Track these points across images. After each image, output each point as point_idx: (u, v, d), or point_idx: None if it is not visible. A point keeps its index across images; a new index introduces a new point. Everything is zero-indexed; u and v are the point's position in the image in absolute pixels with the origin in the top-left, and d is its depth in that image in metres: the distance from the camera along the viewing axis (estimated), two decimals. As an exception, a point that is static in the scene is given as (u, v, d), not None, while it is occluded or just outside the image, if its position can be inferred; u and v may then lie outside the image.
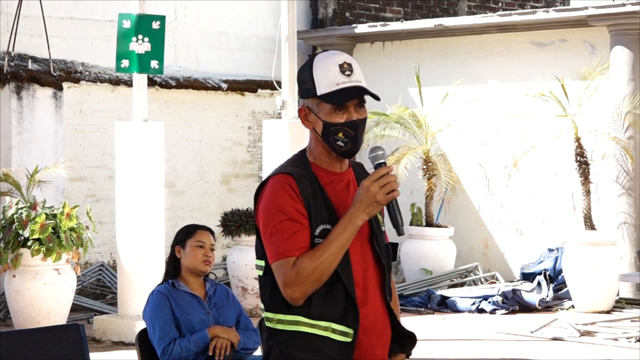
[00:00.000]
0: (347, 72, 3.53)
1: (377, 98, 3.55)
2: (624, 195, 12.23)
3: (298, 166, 3.56)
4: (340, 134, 3.52)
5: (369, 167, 3.62)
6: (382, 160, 3.51)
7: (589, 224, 11.73)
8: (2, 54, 11.59)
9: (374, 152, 3.54)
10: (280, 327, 3.51)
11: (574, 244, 11.68)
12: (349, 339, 3.48)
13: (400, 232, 3.51)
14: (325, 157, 3.58)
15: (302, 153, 3.63)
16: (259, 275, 3.60)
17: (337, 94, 3.50)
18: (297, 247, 3.44)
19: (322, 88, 3.51)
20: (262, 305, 3.60)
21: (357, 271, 3.53)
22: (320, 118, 3.53)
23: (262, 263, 3.56)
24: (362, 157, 14.14)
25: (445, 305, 11.96)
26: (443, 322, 11.25)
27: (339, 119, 3.52)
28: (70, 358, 4.99)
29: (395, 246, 3.67)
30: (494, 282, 12.73)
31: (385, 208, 3.52)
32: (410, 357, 3.79)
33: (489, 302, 11.79)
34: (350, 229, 3.43)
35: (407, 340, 3.69)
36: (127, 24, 9.84)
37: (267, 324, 3.54)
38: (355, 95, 3.52)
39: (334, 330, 3.47)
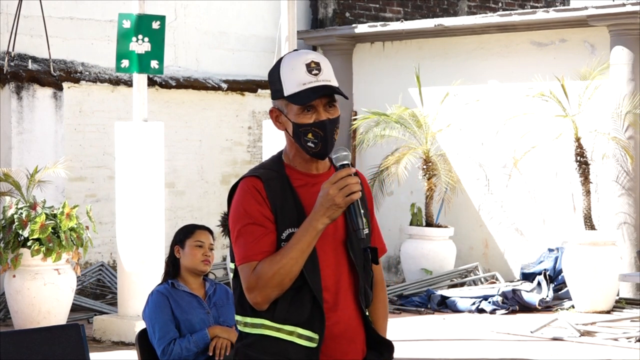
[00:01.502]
0: (315, 72, 3.44)
1: (344, 97, 3.49)
2: (624, 195, 12.23)
3: (271, 168, 3.51)
4: (310, 135, 3.44)
5: (368, 167, 3.58)
6: (344, 162, 3.42)
7: (589, 224, 11.73)
8: (2, 54, 11.59)
9: (336, 153, 3.46)
10: (247, 330, 3.48)
11: (574, 244, 11.68)
12: (314, 344, 3.42)
13: (359, 236, 3.41)
14: (299, 158, 3.52)
15: (279, 154, 3.58)
16: (232, 278, 3.58)
17: (303, 94, 3.43)
18: (260, 251, 3.40)
19: (288, 88, 3.45)
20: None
21: (329, 275, 3.47)
22: (290, 119, 3.47)
23: (233, 266, 3.54)
24: (362, 158, 14.15)
25: (445, 305, 11.96)
26: (443, 322, 11.25)
27: (307, 119, 3.44)
28: (70, 358, 4.98)
29: (375, 250, 3.58)
30: (494, 282, 12.72)
31: (346, 211, 3.41)
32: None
33: (489, 302, 11.79)
34: (311, 232, 3.37)
35: (384, 348, 3.62)
36: (127, 24, 9.84)
37: (238, 327, 3.53)
38: (320, 95, 3.43)
39: (299, 335, 3.42)
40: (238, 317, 3.52)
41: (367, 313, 3.59)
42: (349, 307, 3.52)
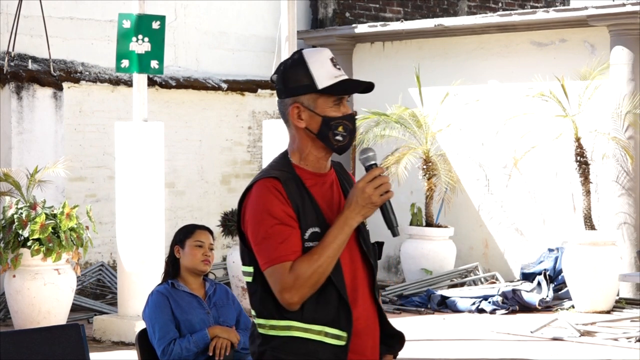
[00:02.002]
0: (338, 66, 3.52)
1: (370, 89, 3.53)
2: (624, 196, 12.23)
3: (282, 169, 3.50)
4: (341, 128, 3.47)
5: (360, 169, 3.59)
6: (373, 162, 3.48)
7: (589, 224, 11.73)
8: (2, 54, 11.59)
9: (364, 153, 3.50)
10: (272, 332, 3.45)
11: (574, 244, 11.68)
12: (342, 342, 3.44)
13: (395, 233, 3.49)
14: (313, 157, 3.52)
15: (284, 156, 3.56)
16: (247, 282, 3.53)
17: (339, 86, 3.48)
18: (292, 251, 3.39)
19: (322, 82, 3.47)
20: (253, 312, 3.55)
21: (346, 272, 3.48)
22: (319, 113, 3.47)
23: (250, 269, 3.49)
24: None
25: (445, 305, 11.96)
26: (443, 322, 11.25)
27: (337, 112, 3.49)
28: (70, 358, 4.98)
29: (380, 245, 3.62)
30: (494, 282, 12.72)
31: (379, 209, 3.47)
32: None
33: (489, 302, 11.79)
34: (347, 231, 3.40)
35: (394, 341, 3.65)
36: (127, 24, 9.84)
37: (260, 330, 3.48)
38: (356, 86, 3.50)
39: (327, 334, 3.43)
40: (260, 321, 3.47)
41: (381, 306, 3.63)
42: (367, 303, 3.55)
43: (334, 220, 3.45)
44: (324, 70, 3.48)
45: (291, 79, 3.50)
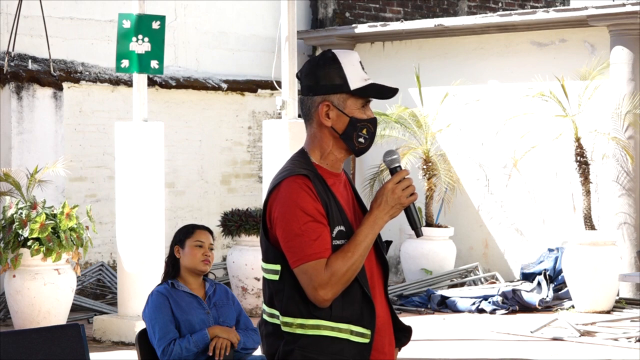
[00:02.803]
0: (365, 70, 3.57)
1: (395, 93, 3.58)
2: (624, 196, 12.23)
3: (306, 167, 3.51)
4: (365, 131, 3.52)
5: (367, 168, 3.61)
6: (398, 164, 3.55)
7: (589, 224, 11.73)
8: (2, 54, 11.59)
9: (390, 155, 3.56)
10: (300, 331, 3.45)
11: (574, 244, 11.68)
12: (366, 340, 3.46)
13: (419, 234, 3.58)
14: (333, 157, 3.55)
15: (303, 154, 3.57)
16: (271, 281, 3.50)
17: (371, 89, 3.52)
18: (325, 248, 3.41)
19: (354, 83, 3.50)
20: (270, 311, 3.52)
21: (366, 271, 3.52)
22: (347, 114, 3.50)
23: (277, 267, 3.47)
24: (362, 158, 14.14)
25: (445, 305, 11.96)
26: (443, 322, 11.25)
27: (363, 115, 3.52)
28: (70, 358, 4.99)
29: (389, 244, 3.67)
30: (494, 282, 12.73)
31: (403, 210, 3.54)
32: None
33: (489, 302, 11.79)
34: (376, 229, 3.46)
35: (402, 334, 3.68)
36: (127, 24, 9.83)
37: (286, 328, 3.47)
38: (387, 91, 3.54)
39: (352, 332, 3.45)
40: (288, 319, 3.46)
41: (391, 303, 3.67)
42: (382, 300, 3.59)
43: (352, 219, 3.52)
44: (356, 71, 3.51)
45: (323, 77, 3.52)
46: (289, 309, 3.46)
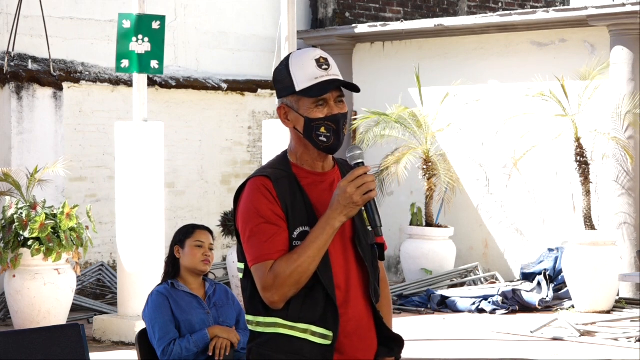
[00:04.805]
0: (324, 66, 3.50)
1: (357, 90, 3.54)
2: (624, 195, 12.23)
3: (278, 168, 3.52)
4: (323, 129, 3.48)
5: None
6: (359, 160, 3.48)
7: (589, 224, 11.73)
8: (2, 54, 11.59)
9: (351, 152, 3.50)
10: (259, 329, 3.49)
11: (574, 244, 11.68)
12: (328, 342, 3.44)
13: (378, 233, 3.48)
14: (307, 156, 3.54)
15: (284, 154, 3.59)
16: (240, 279, 3.57)
17: (316, 87, 3.47)
18: (275, 250, 3.41)
19: (300, 83, 3.48)
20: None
21: (339, 273, 3.49)
22: (301, 114, 3.49)
23: (242, 266, 3.53)
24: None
25: (445, 305, 11.96)
26: (443, 322, 11.25)
27: (320, 113, 3.48)
28: (70, 358, 4.98)
29: (381, 246, 3.61)
30: (494, 282, 12.73)
31: (363, 208, 3.46)
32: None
33: (489, 302, 11.79)
34: (328, 231, 3.40)
35: (394, 344, 3.64)
36: (127, 24, 9.84)
37: (249, 326, 3.53)
38: (334, 87, 3.48)
39: (313, 333, 3.44)
40: (249, 317, 3.52)
41: (377, 309, 3.61)
42: (360, 304, 3.54)
43: None
44: (304, 71, 3.49)
45: (277, 80, 3.56)
46: (250, 307, 3.51)
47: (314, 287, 3.43)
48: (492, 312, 11.67)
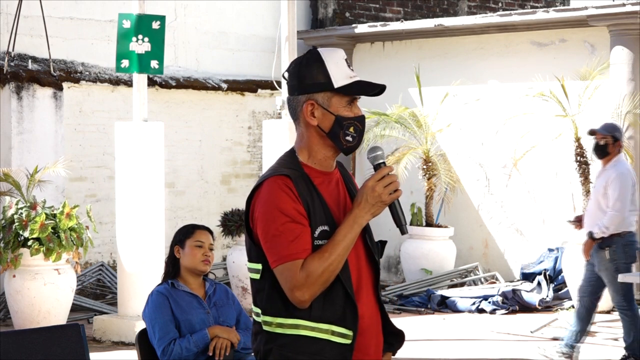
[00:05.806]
0: (351, 67, 3.53)
1: (383, 91, 3.53)
2: (624, 195, 12.20)
3: (291, 167, 3.50)
4: (352, 129, 3.48)
5: (367, 168, 3.60)
6: (382, 161, 3.49)
7: (589, 224, 11.71)
8: (2, 54, 11.59)
9: (373, 152, 3.51)
10: (279, 330, 3.45)
11: (574, 244, 11.67)
12: (348, 341, 3.44)
13: (404, 232, 3.51)
14: (321, 155, 3.53)
15: (291, 154, 3.56)
16: (254, 280, 3.52)
17: (356, 86, 3.48)
18: (303, 249, 3.39)
19: (339, 80, 3.47)
20: (256, 310, 3.53)
21: (352, 271, 3.49)
22: (332, 112, 3.47)
23: (258, 266, 3.49)
24: (362, 158, 14.15)
25: (445, 305, 11.96)
26: (443, 322, 11.25)
27: (350, 113, 3.49)
28: (70, 358, 4.98)
29: (383, 244, 3.63)
30: (494, 282, 12.73)
31: (387, 208, 3.48)
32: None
33: (489, 302, 11.79)
34: (356, 229, 3.41)
35: (394, 339, 3.66)
36: (127, 24, 9.84)
37: (266, 327, 3.48)
38: (373, 88, 3.49)
39: (333, 333, 3.43)
40: (267, 318, 3.47)
41: (383, 304, 3.63)
42: (371, 301, 3.55)
43: (341, 219, 3.47)
44: (340, 69, 3.48)
45: (307, 76, 3.49)
46: (269, 308, 3.47)
47: (333, 286, 3.43)
48: (492, 312, 11.68)
